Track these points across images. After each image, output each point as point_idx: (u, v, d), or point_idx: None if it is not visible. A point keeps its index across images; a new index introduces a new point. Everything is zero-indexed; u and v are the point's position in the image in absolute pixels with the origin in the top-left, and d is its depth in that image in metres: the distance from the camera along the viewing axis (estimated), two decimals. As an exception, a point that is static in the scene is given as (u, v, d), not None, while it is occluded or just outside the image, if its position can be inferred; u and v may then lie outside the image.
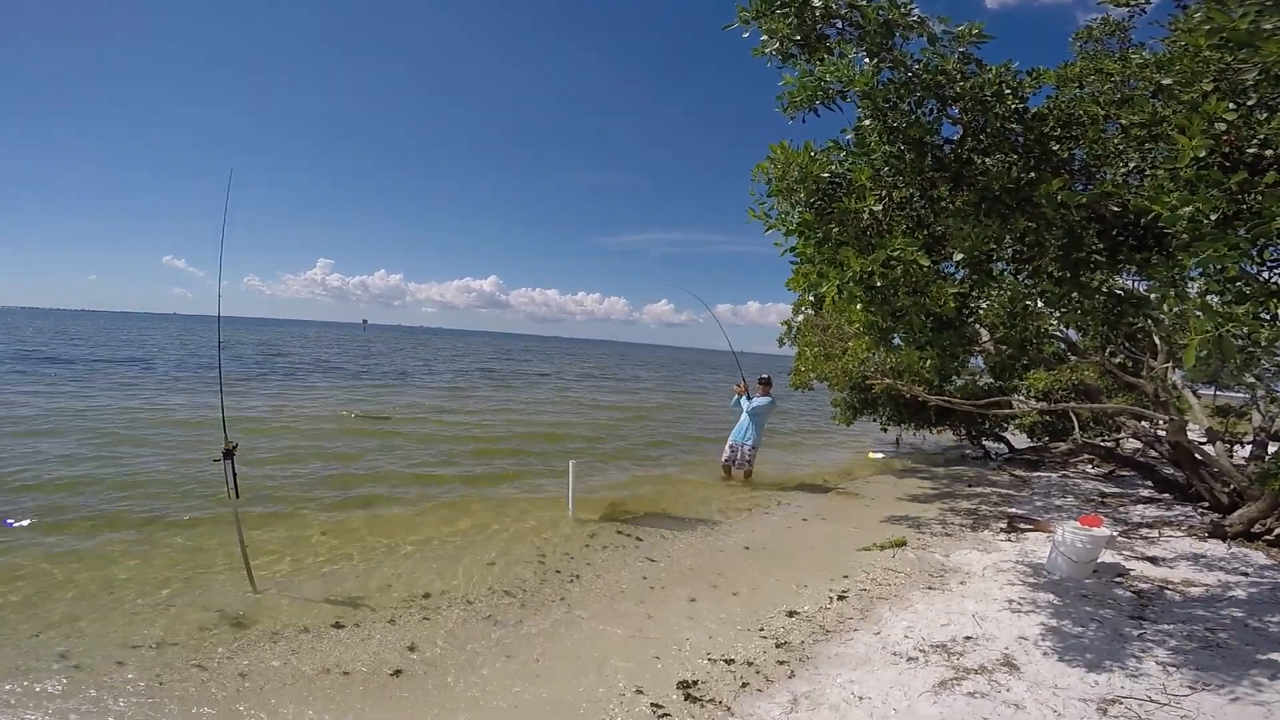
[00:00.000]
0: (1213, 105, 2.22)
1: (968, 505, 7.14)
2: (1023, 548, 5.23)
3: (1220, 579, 4.38)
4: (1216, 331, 2.00)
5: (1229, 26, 2.19)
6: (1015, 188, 2.81)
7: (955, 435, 11.46)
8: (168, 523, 5.17)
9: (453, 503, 6.42)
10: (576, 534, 5.46)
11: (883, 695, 2.81)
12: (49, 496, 5.68)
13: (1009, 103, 2.88)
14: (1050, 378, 7.54)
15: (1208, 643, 3.32)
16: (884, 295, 3.01)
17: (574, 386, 24.16)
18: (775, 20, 2.90)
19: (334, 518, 5.59)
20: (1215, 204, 2.09)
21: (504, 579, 4.35)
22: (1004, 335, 6.34)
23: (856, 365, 8.73)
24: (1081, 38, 5.01)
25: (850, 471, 9.64)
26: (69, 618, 3.44)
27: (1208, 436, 6.40)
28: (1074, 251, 2.88)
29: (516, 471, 8.19)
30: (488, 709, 2.80)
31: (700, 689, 2.92)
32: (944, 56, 2.89)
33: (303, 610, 3.67)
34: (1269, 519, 5.35)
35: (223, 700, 2.74)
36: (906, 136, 2.93)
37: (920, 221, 3.16)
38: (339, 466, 7.67)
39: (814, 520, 6.47)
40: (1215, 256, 2.03)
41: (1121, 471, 9.02)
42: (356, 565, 4.48)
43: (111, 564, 4.25)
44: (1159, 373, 6.58)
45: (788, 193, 3.23)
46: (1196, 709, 2.66)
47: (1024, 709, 2.67)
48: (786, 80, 3.00)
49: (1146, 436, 7.67)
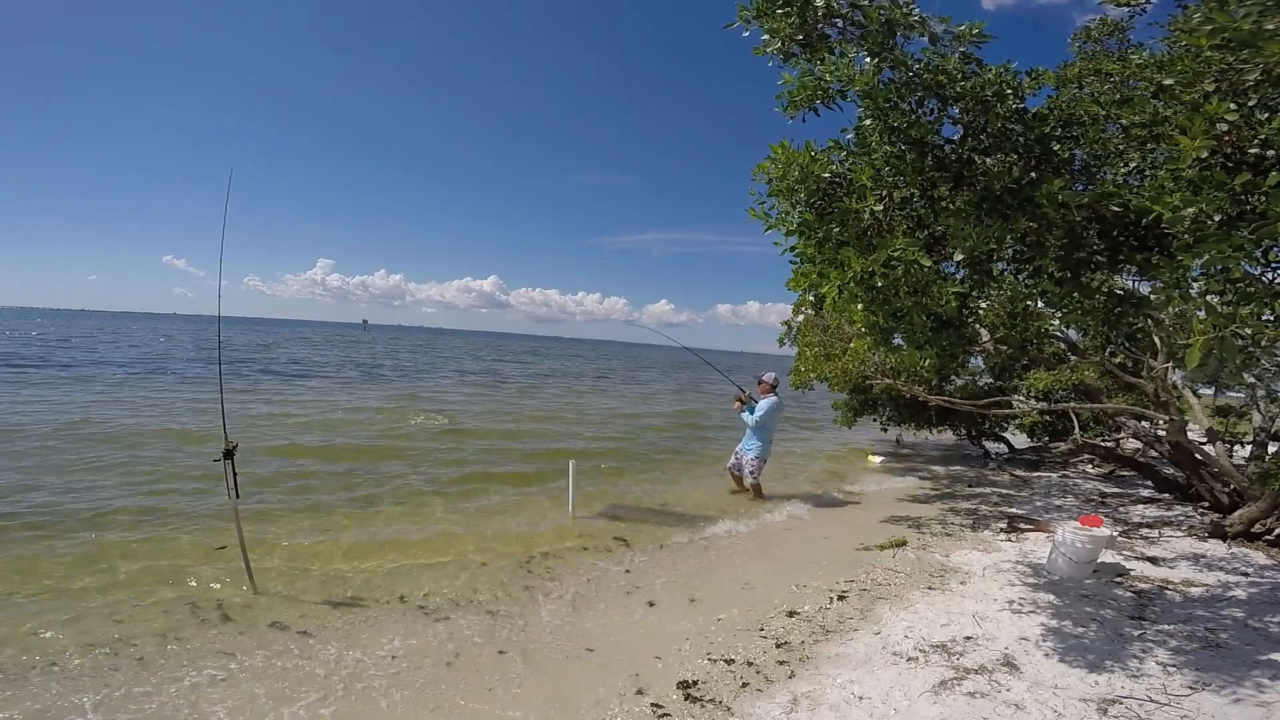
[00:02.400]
0: (1214, 106, 2.22)
1: (968, 505, 7.14)
2: (1023, 548, 5.23)
3: (1220, 579, 4.38)
4: (1219, 333, 1.99)
5: (1231, 27, 2.18)
6: (1016, 188, 2.80)
7: (955, 435, 11.46)
8: (172, 521, 5.18)
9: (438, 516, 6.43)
10: (575, 534, 5.46)
11: (883, 695, 2.81)
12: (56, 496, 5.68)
13: (1010, 103, 2.87)
14: (1050, 378, 7.54)
15: (1208, 643, 3.32)
16: (885, 295, 3.00)
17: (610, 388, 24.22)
18: (777, 20, 2.89)
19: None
20: (1219, 205, 2.09)
21: (502, 579, 4.35)
22: (1004, 335, 6.34)
23: (857, 365, 8.73)
24: (1080, 38, 5.02)
25: (850, 472, 9.63)
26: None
27: (1208, 436, 6.39)
28: (1075, 251, 2.87)
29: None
30: (488, 707, 2.80)
31: (700, 689, 2.92)
32: (944, 56, 2.89)
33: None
34: (1269, 519, 5.35)
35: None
36: (907, 136, 2.92)
37: (921, 222, 3.15)
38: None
39: (814, 520, 6.47)
40: (1219, 258, 2.03)
41: (1121, 471, 9.02)
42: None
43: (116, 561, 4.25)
44: (1159, 373, 6.58)
45: (788, 192, 3.22)
46: (1197, 709, 2.66)
47: (1024, 709, 2.67)
48: (786, 79, 3.00)
49: (1146, 436, 7.67)
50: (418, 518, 5.82)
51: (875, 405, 10.53)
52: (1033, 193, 2.74)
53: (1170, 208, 2.18)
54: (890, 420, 10.73)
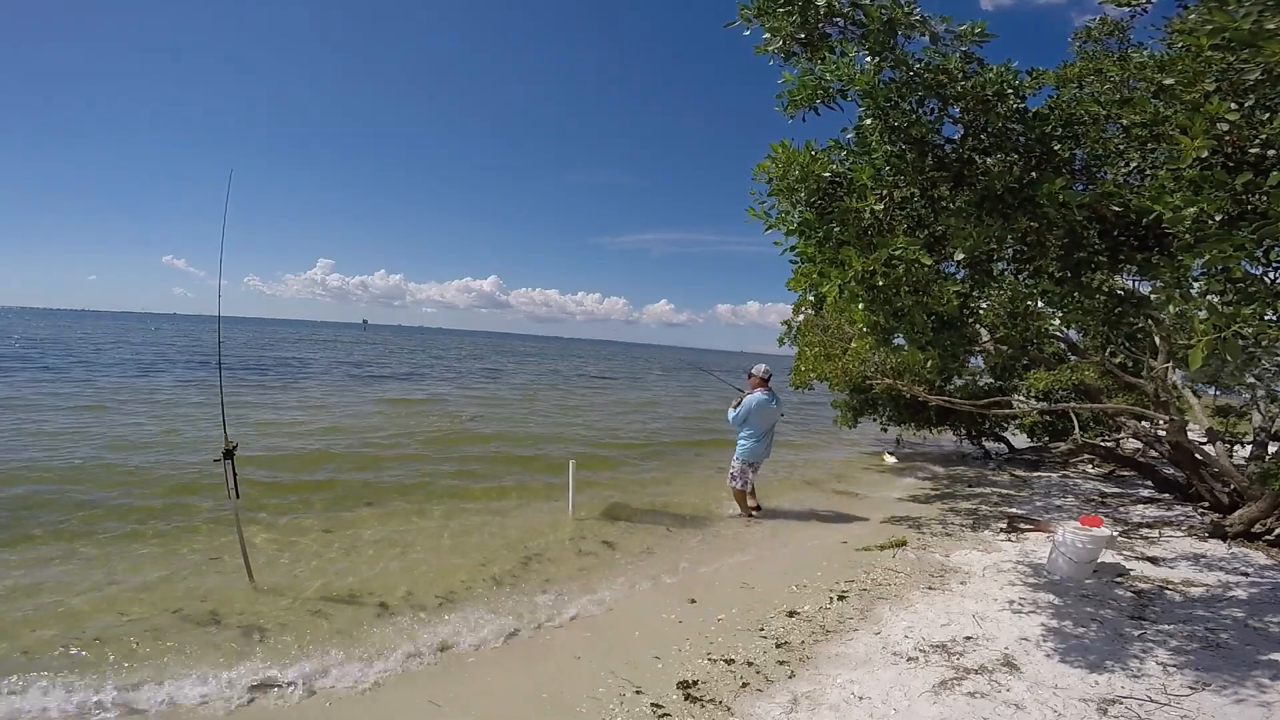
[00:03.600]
0: (1215, 105, 2.22)
1: (968, 505, 7.13)
2: (1023, 548, 5.23)
3: (1221, 579, 4.38)
4: (1221, 334, 1.99)
5: (1231, 26, 2.18)
6: (1017, 187, 2.80)
7: (955, 435, 11.45)
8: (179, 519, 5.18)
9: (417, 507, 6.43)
10: (575, 534, 5.46)
11: (883, 695, 2.81)
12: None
13: (1011, 102, 2.87)
14: (1050, 378, 7.54)
15: (1208, 643, 3.32)
16: (886, 295, 2.99)
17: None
18: (778, 19, 2.89)
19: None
20: (1220, 204, 2.08)
21: (501, 579, 4.35)
22: (1004, 335, 6.33)
23: (857, 365, 8.72)
24: (1081, 37, 5.01)
25: (850, 472, 9.63)
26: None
27: (1208, 436, 6.39)
28: (1075, 251, 2.87)
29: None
30: (488, 706, 2.80)
31: (700, 689, 2.92)
32: (945, 56, 2.89)
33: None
34: (1269, 519, 5.34)
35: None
36: (908, 136, 2.92)
37: (921, 221, 3.15)
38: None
39: (814, 520, 6.47)
40: (1220, 257, 2.03)
41: (1121, 471, 9.02)
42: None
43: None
44: (1159, 373, 6.57)
45: (788, 192, 3.22)
46: (1197, 709, 2.66)
47: (1024, 709, 2.66)
48: (786, 78, 2.99)
49: (1146, 436, 7.66)
50: (417, 517, 5.81)
51: (875, 405, 10.52)
52: (1033, 192, 2.74)
53: (1171, 207, 2.18)
54: (890, 420, 10.73)
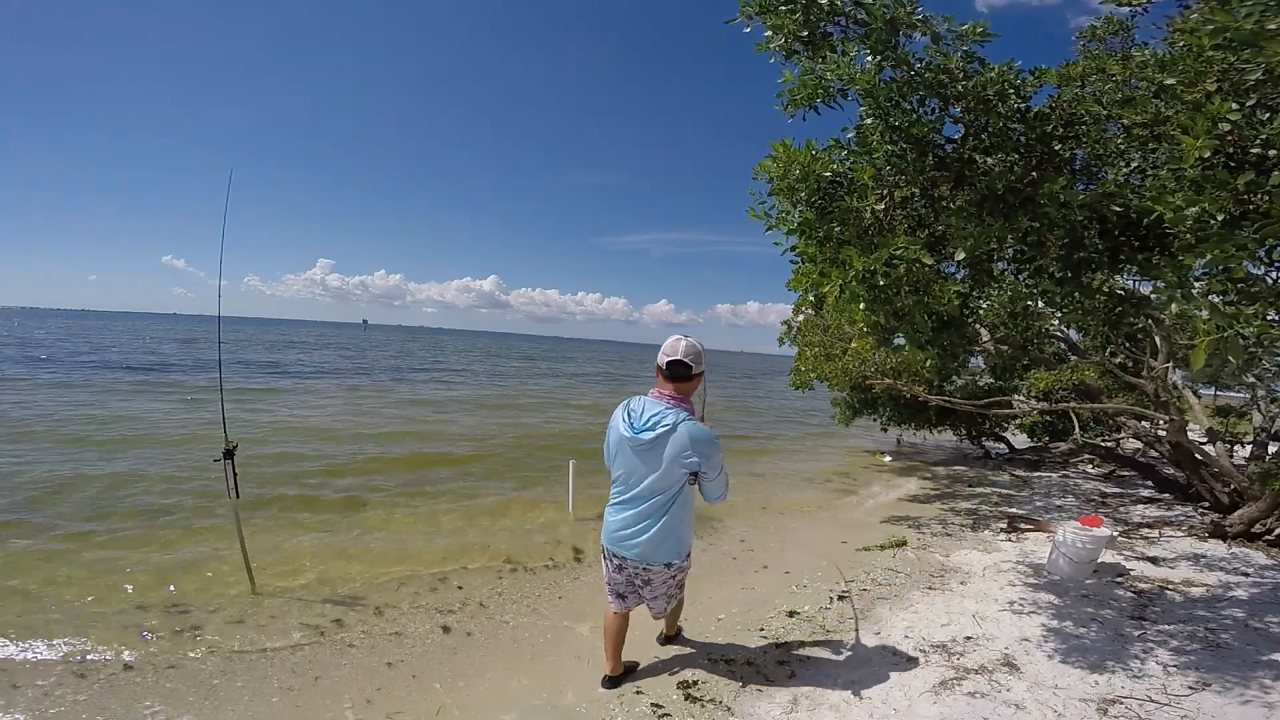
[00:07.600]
0: (1216, 105, 2.21)
1: (968, 505, 7.13)
2: (1023, 548, 5.23)
3: (1221, 579, 4.38)
4: (1223, 334, 1.99)
5: (1232, 26, 2.18)
6: (1018, 187, 2.80)
7: (955, 435, 11.46)
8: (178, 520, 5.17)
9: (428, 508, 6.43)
10: (575, 534, 5.46)
11: (883, 695, 2.80)
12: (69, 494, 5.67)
13: (1012, 102, 2.87)
14: (1050, 378, 7.54)
15: (1209, 643, 3.32)
16: (886, 295, 2.99)
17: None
18: (781, 16, 2.88)
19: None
20: (1221, 204, 2.08)
21: (501, 579, 4.35)
22: (1004, 335, 6.34)
23: (857, 365, 8.73)
24: (1085, 37, 5.00)
25: (850, 472, 9.63)
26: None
27: (1208, 436, 6.39)
28: (1076, 251, 2.87)
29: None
30: (489, 705, 2.80)
31: (700, 689, 2.91)
32: (946, 55, 2.88)
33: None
34: (1269, 519, 5.34)
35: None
36: (908, 135, 2.91)
37: (921, 221, 3.15)
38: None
39: (814, 520, 6.47)
40: (1221, 257, 2.02)
41: (1122, 471, 9.02)
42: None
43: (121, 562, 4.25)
44: (1159, 373, 6.57)
45: (789, 192, 3.21)
46: (1197, 709, 2.65)
47: (1024, 709, 2.66)
48: (787, 77, 2.99)
49: (1147, 436, 7.66)
50: (417, 518, 5.81)
51: (875, 405, 10.53)
52: (1034, 192, 2.73)
53: (1172, 207, 2.18)
54: (890, 420, 10.73)
